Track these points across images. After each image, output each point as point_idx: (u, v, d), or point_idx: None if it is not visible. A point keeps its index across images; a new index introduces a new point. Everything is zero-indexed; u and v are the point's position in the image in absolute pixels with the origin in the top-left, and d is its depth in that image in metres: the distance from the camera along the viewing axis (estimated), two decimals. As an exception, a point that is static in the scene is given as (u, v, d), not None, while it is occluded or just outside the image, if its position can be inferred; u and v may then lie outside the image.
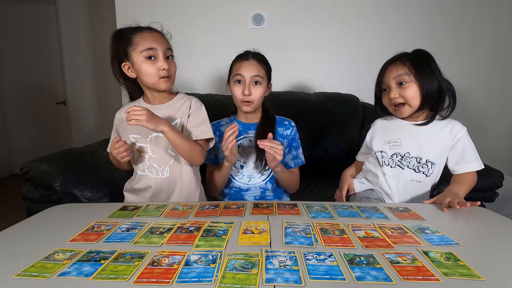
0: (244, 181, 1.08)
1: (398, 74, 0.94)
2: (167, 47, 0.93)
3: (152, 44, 0.89)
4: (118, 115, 1.02)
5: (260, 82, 1.02)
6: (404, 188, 0.99)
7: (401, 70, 0.94)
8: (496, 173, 1.14)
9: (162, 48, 0.91)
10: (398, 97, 0.94)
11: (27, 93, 3.30)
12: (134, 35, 0.91)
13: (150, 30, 0.93)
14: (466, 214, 0.79)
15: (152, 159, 0.97)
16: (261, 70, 1.03)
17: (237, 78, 1.02)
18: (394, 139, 0.99)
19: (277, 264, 0.52)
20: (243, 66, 1.02)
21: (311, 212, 0.78)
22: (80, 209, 0.85)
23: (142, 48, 0.89)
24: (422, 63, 0.93)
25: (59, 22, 3.15)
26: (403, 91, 0.93)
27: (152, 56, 0.90)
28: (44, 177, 1.14)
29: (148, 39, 0.90)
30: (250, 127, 1.10)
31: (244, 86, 1.01)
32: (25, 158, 1.31)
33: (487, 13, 1.93)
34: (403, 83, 0.93)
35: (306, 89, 1.98)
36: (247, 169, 1.08)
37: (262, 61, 1.05)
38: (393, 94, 0.94)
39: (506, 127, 2.07)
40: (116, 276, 0.49)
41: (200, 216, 0.76)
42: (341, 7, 1.92)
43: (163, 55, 0.91)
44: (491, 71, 2.00)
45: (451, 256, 0.55)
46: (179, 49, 1.94)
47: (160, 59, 0.90)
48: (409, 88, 0.93)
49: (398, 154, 0.98)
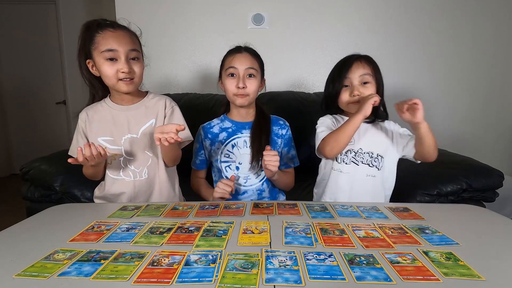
0: (241, 183, 1.06)
1: (364, 73, 0.95)
2: (131, 48, 0.88)
3: (113, 45, 0.85)
4: (83, 116, 0.96)
5: (254, 75, 1.00)
6: (360, 185, 0.99)
7: (366, 69, 0.96)
8: (496, 173, 1.14)
9: (124, 49, 0.86)
10: (360, 95, 0.96)
11: (27, 93, 3.30)
12: (97, 34, 0.86)
13: (112, 28, 0.87)
14: (466, 214, 0.79)
15: (128, 161, 0.95)
16: (255, 63, 1.01)
17: (230, 71, 0.99)
18: None
19: (277, 264, 0.52)
20: (236, 58, 0.99)
21: (311, 212, 0.78)
22: (80, 209, 0.85)
23: (102, 48, 0.85)
24: (378, 67, 0.98)
25: (59, 22, 3.16)
26: (365, 90, 0.95)
27: (113, 58, 0.86)
28: (44, 177, 1.14)
29: (109, 39, 0.85)
30: (244, 126, 1.07)
31: (238, 79, 0.98)
32: (25, 158, 1.32)
33: (487, 13, 1.93)
34: (366, 82, 0.96)
35: (306, 89, 1.98)
36: (243, 171, 1.05)
37: (255, 55, 1.03)
38: (356, 92, 0.95)
39: (506, 127, 2.07)
40: (116, 276, 0.49)
41: (200, 216, 0.75)
42: (341, 7, 1.92)
43: (125, 56, 0.87)
44: (491, 71, 2.00)
45: (451, 256, 0.55)
46: (179, 49, 1.94)
47: (121, 61, 0.86)
48: (370, 88, 0.95)
49: (352, 150, 0.99)
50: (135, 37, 0.93)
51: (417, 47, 1.95)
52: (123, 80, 0.88)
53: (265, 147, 0.92)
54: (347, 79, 0.97)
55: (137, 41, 0.93)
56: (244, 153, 1.05)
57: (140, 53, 0.93)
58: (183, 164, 1.04)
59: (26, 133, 3.37)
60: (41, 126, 3.35)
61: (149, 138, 0.96)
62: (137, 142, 0.95)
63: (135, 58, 0.90)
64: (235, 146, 1.05)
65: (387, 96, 1.01)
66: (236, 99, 1.01)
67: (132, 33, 0.92)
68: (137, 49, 0.90)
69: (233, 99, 1.02)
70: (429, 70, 1.98)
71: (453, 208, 0.89)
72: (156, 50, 1.90)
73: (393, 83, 1.97)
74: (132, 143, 0.95)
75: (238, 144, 1.05)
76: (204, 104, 1.66)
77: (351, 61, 0.98)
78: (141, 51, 0.94)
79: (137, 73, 0.90)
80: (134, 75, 0.90)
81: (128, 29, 0.92)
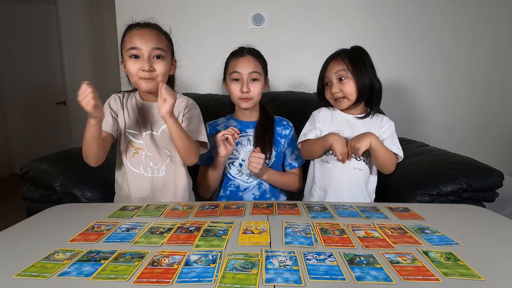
0: (244, 179, 1.08)
1: (338, 69, 0.99)
2: (155, 46, 0.88)
3: (136, 43, 0.86)
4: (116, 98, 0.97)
5: (258, 78, 1.01)
6: (347, 177, 1.01)
7: (340, 66, 0.98)
8: (496, 173, 1.13)
9: (147, 47, 0.87)
10: (338, 92, 0.99)
11: (27, 93, 3.30)
12: (126, 34, 0.90)
13: (140, 27, 0.89)
14: (466, 214, 0.79)
15: (148, 158, 0.95)
16: (258, 66, 1.01)
17: (234, 76, 1.01)
18: (337, 130, 1.02)
19: (277, 264, 0.52)
20: (239, 63, 1.00)
21: (311, 212, 0.78)
22: (80, 209, 0.85)
23: (128, 46, 0.88)
24: (358, 61, 0.99)
25: (59, 22, 3.16)
26: (343, 86, 0.98)
27: (136, 55, 0.87)
28: (44, 177, 1.14)
29: (133, 37, 0.87)
30: (248, 125, 1.09)
31: (242, 83, 0.99)
32: (25, 158, 1.31)
33: (487, 13, 1.93)
34: (343, 78, 0.98)
35: (306, 89, 1.98)
36: (246, 168, 1.06)
37: (258, 56, 1.04)
38: (334, 89, 0.99)
39: (506, 127, 2.07)
40: (116, 276, 0.49)
41: (200, 216, 0.76)
42: (341, 8, 1.92)
43: (148, 54, 0.87)
44: (491, 71, 2.00)
45: (451, 256, 0.55)
46: (179, 49, 1.92)
47: (143, 59, 0.87)
48: (347, 83, 0.98)
49: None
50: (164, 36, 0.93)
51: (417, 47, 1.95)
52: (144, 79, 0.89)
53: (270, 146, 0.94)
54: (326, 77, 1.02)
55: (165, 40, 0.92)
56: (248, 151, 1.06)
57: (167, 52, 0.92)
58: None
59: (26, 133, 3.37)
60: (41, 126, 3.35)
61: (168, 137, 0.95)
62: (157, 139, 0.96)
63: (159, 56, 0.89)
64: (239, 143, 1.07)
65: (388, 96, 1.01)
66: (241, 103, 1.03)
67: (160, 32, 0.92)
68: (162, 48, 0.90)
69: (238, 103, 1.04)
70: (429, 70, 1.98)
71: (453, 208, 0.90)
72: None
73: (392, 83, 1.97)
74: (152, 140, 0.96)
75: (242, 142, 1.07)
76: (204, 104, 1.65)
77: (328, 61, 1.03)
78: (169, 50, 0.94)
79: (158, 72, 0.89)
80: (156, 74, 0.89)
81: (157, 28, 0.92)
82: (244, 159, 1.07)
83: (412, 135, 1.72)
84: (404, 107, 2.00)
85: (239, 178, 1.08)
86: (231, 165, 1.08)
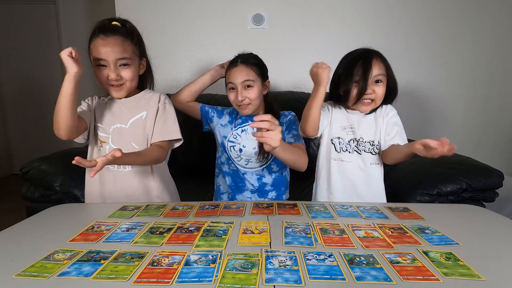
0: (242, 164, 1.11)
1: (380, 73, 0.94)
2: (119, 57, 0.89)
3: (101, 54, 0.88)
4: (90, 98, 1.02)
5: (251, 85, 1.04)
6: (365, 173, 1.00)
7: (382, 69, 0.95)
8: (496, 173, 1.14)
9: (112, 58, 0.88)
10: (372, 93, 0.95)
11: (27, 93, 3.30)
12: (91, 41, 0.91)
13: (104, 35, 0.89)
14: (466, 214, 0.79)
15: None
16: (251, 73, 1.04)
17: (229, 86, 1.07)
18: (349, 125, 1.01)
19: (277, 264, 0.52)
20: (232, 73, 1.05)
21: (311, 212, 0.78)
22: (80, 209, 0.85)
23: (94, 55, 0.90)
24: (389, 66, 0.97)
25: (59, 22, 3.15)
26: (378, 88, 0.95)
27: (103, 64, 0.89)
28: (44, 177, 1.14)
29: (99, 47, 0.88)
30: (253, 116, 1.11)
31: (236, 92, 1.04)
32: (25, 158, 1.31)
33: (487, 13, 1.93)
34: (379, 81, 0.95)
35: (306, 89, 1.98)
36: (245, 153, 1.10)
37: (252, 64, 1.05)
38: (370, 90, 0.94)
39: (506, 127, 2.07)
40: (116, 276, 0.49)
41: (200, 216, 0.76)
42: (341, 7, 1.91)
43: (114, 64, 0.89)
44: (491, 71, 2.00)
45: (451, 256, 0.55)
46: (179, 49, 1.94)
47: (110, 68, 0.89)
48: (382, 87, 0.95)
49: (354, 139, 1.01)
50: (130, 41, 0.92)
51: (417, 47, 1.95)
52: (113, 86, 0.92)
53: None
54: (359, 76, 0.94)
55: (130, 46, 0.93)
56: (250, 139, 1.10)
57: (132, 59, 0.93)
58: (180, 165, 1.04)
59: (26, 133, 3.37)
60: (41, 126, 3.34)
61: (137, 130, 0.97)
62: (125, 132, 0.97)
63: (126, 64, 0.92)
64: (244, 131, 1.11)
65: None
66: (240, 110, 1.08)
67: (125, 38, 0.91)
68: (127, 56, 0.91)
69: (238, 110, 1.09)
70: (429, 70, 1.98)
71: (453, 208, 0.90)
72: (156, 50, 1.89)
73: (393, 83, 1.97)
74: (120, 133, 0.97)
75: (247, 130, 1.11)
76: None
77: (370, 58, 0.94)
78: (136, 55, 0.95)
79: (126, 78, 0.92)
80: (123, 81, 0.92)
81: (122, 34, 0.91)
82: (245, 146, 1.10)
83: (412, 135, 1.72)
84: (404, 107, 2.00)
85: (237, 162, 1.12)
86: (232, 148, 1.12)
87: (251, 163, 1.11)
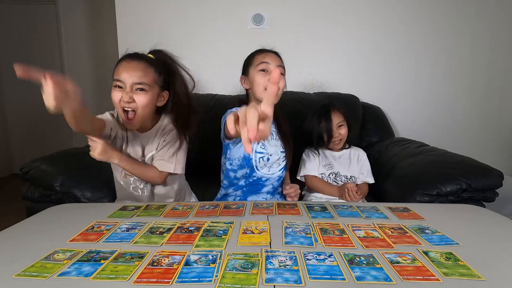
0: (265, 172, 1.09)
1: (339, 120, 1.25)
2: (137, 81, 0.86)
3: (121, 76, 0.86)
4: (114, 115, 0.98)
5: (283, 73, 1.04)
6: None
7: (340, 117, 1.25)
8: (496, 173, 1.14)
9: (129, 81, 0.86)
10: (338, 136, 1.25)
11: (27, 92, 3.30)
12: (117, 64, 0.89)
13: (129, 59, 0.89)
14: (466, 214, 0.79)
15: (137, 181, 0.99)
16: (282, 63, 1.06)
17: (262, 66, 1.02)
18: (328, 163, 1.28)
19: (277, 264, 0.52)
20: (268, 56, 1.03)
21: (311, 212, 0.78)
22: (80, 209, 0.85)
23: (115, 77, 0.88)
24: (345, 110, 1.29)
25: (59, 22, 3.15)
26: (341, 130, 1.25)
27: (120, 86, 0.87)
28: (44, 177, 1.14)
29: (120, 69, 0.88)
30: None
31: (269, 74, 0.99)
32: (25, 158, 1.31)
33: (487, 13, 1.93)
34: (341, 125, 1.25)
35: (306, 89, 1.98)
36: (271, 162, 1.08)
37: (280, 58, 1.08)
38: (336, 134, 1.25)
39: (506, 127, 2.07)
40: (116, 276, 0.49)
41: (200, 216, 0.76)
42: (341, 7, 1.92)
43: (130, 87, 0.86)
44: (491, 71, 2.00)
45: (451, 256, 0.55)
46: (179, 49, 1.93)
47: (125, 90, 0.86)
48: (344, 128, 1.26)
49: (333, 173, 1.26)
50: (154, 69, 0.91)
51: (417, 47, 1.95)
52: (125, 111, 0.88)
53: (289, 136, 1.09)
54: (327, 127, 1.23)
55: (153, 74, 0.90)
56: (273, 145, 1.09)
57: (151, 86, 0.89)
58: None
59: (26, 133, 3.37)
60: (41, 126, 3.34)
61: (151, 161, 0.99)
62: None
63: (142, 89, 0.88)
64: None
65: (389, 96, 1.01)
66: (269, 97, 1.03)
67: (149, 65, 0.90)
68: (145, 82, 0.87)
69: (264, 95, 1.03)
70: (428, 70, 1.98)
71: (453, 208, 0.90)
72: (156, 50, 1.90)
73: (392, 84, 1.97)
74: None
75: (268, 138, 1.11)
76: (204, 104, 1.66)
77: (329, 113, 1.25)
78: (157, 84, 0.92)
79: (138, 104, 0.87)
80: (134, 105, 0.87)
81: (147, 61, 0.90)
82: (272, 154, 1.07)
83: (412, 135, 1.73)
84: (404, 107, 2.00)
85: (262, 171, 1.08)
86: (261, 160, 1.07)
87: (272, 168, 1.10)
